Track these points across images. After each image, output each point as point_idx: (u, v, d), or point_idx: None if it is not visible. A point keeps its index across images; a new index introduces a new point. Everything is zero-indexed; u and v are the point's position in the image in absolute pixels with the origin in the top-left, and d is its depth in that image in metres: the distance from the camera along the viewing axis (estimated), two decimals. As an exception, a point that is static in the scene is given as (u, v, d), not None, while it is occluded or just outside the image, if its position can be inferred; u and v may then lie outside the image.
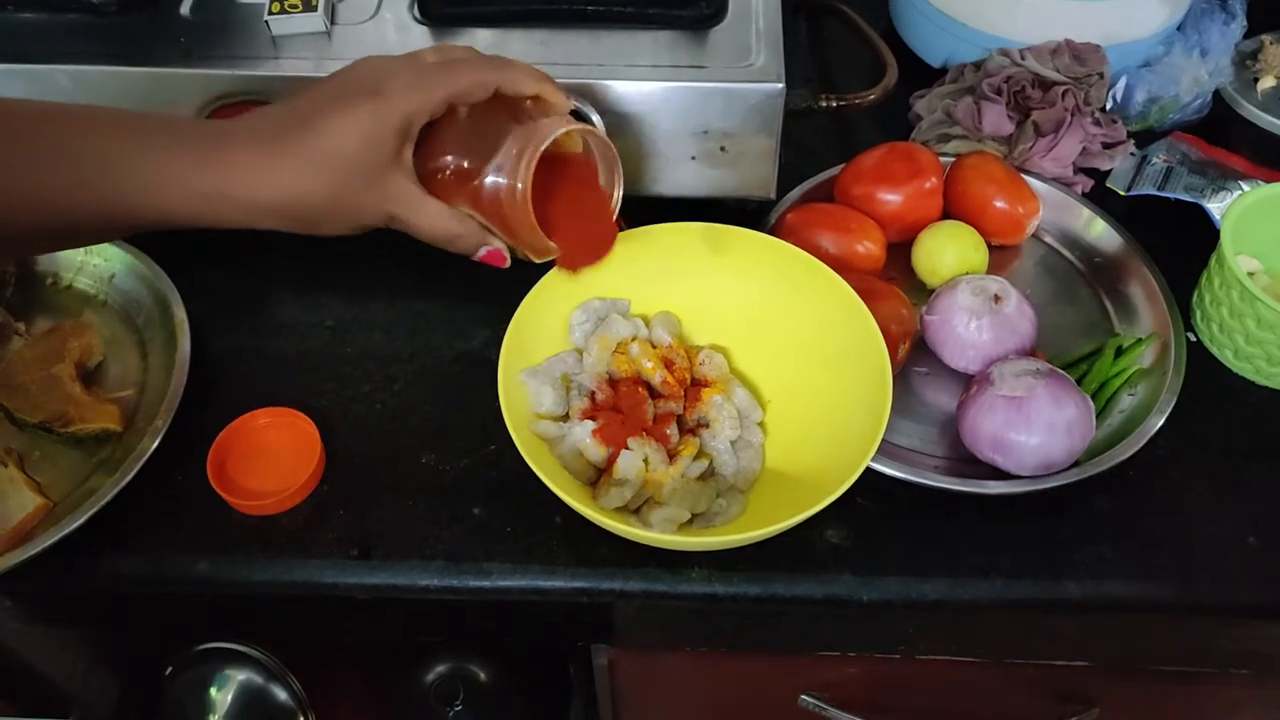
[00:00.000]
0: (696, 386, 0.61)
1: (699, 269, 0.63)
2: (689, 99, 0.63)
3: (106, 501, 0.56)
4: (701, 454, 0.59)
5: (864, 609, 0.57)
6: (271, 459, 0.61)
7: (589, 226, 0.57)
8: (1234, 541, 0.58)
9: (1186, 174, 0.74)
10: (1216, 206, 0.71)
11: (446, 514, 0.59)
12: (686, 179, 0.67)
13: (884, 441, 0.54)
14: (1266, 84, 0.81)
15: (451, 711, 0.96)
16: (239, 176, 0.46)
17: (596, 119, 0.63)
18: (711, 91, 0.63)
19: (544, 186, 0.52)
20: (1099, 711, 0.73)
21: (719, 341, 0.64)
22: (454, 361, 0.66)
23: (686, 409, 0.60)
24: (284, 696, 1.01)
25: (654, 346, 0.61)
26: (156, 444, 0.59)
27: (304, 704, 1.02)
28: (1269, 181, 0.70)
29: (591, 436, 0.57)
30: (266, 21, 0.64)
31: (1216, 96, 0.80)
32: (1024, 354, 0.62)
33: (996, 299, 0.63)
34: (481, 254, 0.54)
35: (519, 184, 0.50)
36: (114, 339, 0.67)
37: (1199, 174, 0.73)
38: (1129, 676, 0.71)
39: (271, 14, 0.64)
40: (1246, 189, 0.71)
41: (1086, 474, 0.58)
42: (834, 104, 0.69)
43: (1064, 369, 0.61)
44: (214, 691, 0.99)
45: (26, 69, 0.63)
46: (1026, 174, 0.73)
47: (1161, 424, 0.60)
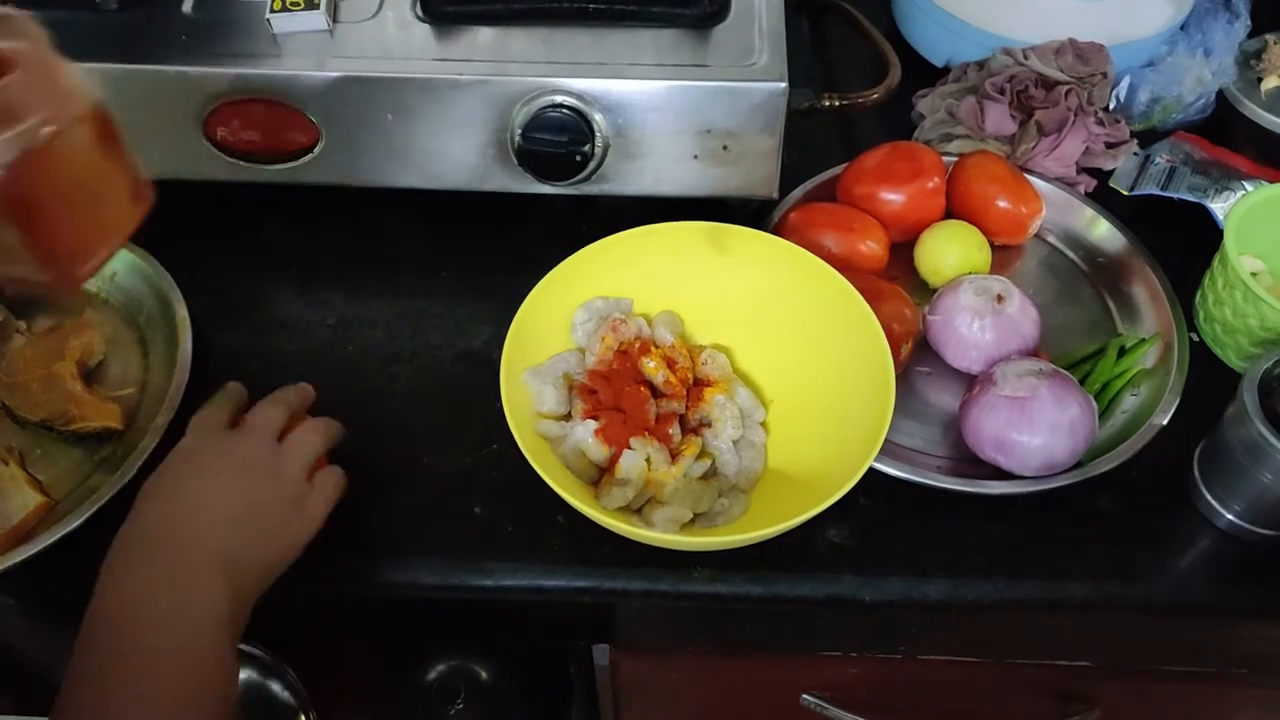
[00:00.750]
0: (699, 386, 0.61)
1: (701, 268, 0.63)
2: (691, 98, 0.63)
3: (108, 500, 0.56)
4: (704, 454, 0.59)
5: (866, 609, 0.57)
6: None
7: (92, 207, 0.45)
8: (1235, 542, 0.58)
9: (1190, 174, 0.73)
10: (1220, 207, 0.71)
11: (448, 513, 0.59)
12: (689, 178, 0.67)
13: (886, 441, 0.53)
14: (1270, 84, 0.81)
15: (452, 710, 0.96)
16: None
17: (599, 117, 0.63)
18: (714, 90, 0.63)
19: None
20: (1100, 712, 0.73)
21: (721, 341, 0.64)
22: (456, 360, 0.66)
23: (689, 408, 0.60)
24: (284, 695, 1.01)
25: (656, 346, 0.61)
26: (158, 442, 0.59)
27: (304, 702, 1.02)
28: (1272, 182, 0.70)
29: (594, 436, 0.56)
30: (268, 20, 0.64)
31: (1220, 96, 0.80)
32: (1027, 354, 0.62)
33: (999, 299, 0.62)
34: None
35: None
36: (115, 337, 0.67)
37: (1202, 174, 0.73)
38: (1130, 676, 0.71)
39: (273, 12, 0.64)
40: (1250, 189, 0.71)
41: (1089, 474, 0.58)
42: (837, 103, 0.69)
43: (1067, 369, 0.61)
44: (214, 690, 0.99)
45: (28, 66, 0.63)
46: (1029, 174, 0.72)
47: (1164, 424, 0.60)
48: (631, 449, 0.56)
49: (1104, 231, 0.71)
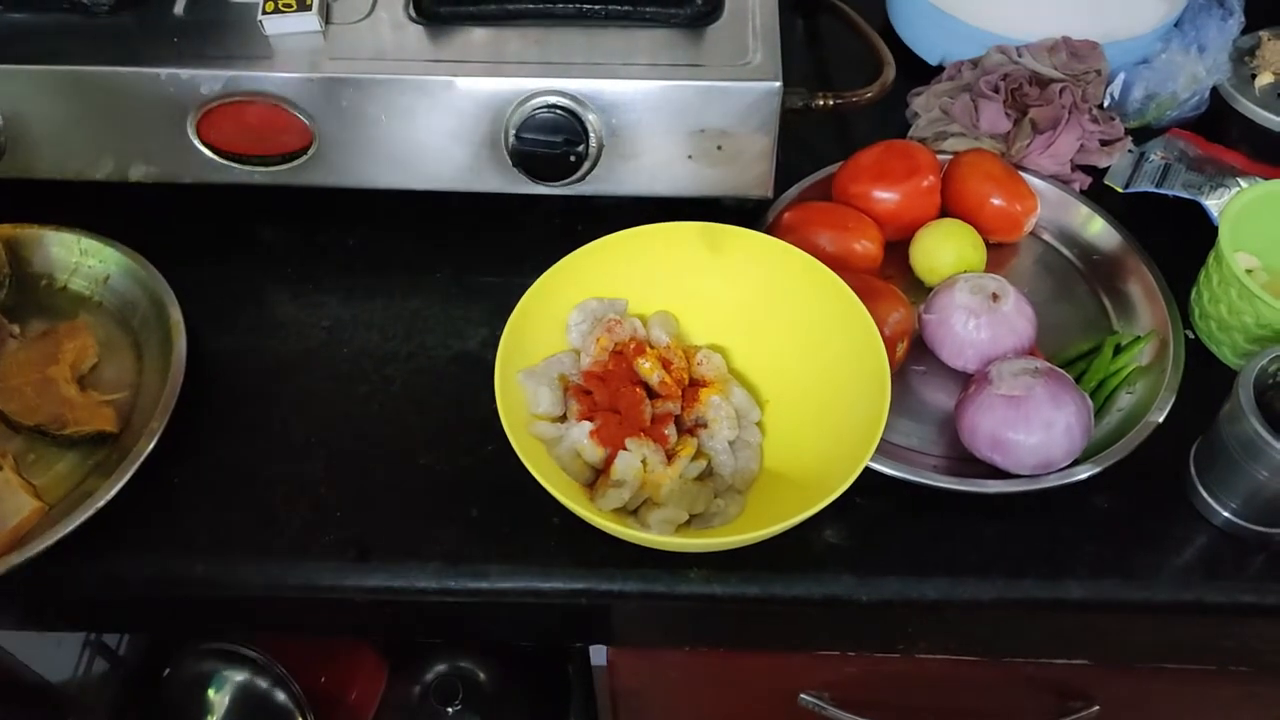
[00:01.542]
0: (694, 386, 0.61)
1: (696, 268, 0.63)
2: (685, 98, 0.63)
3: (103, 504, 0.56)
4: (699, 454, 0.59)
5: (863, 609, 0.57)
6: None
7: None
8: (1231, 539, 0.58)
9: (1184, 171, 0.73)
10: (1214, 203, 0.71)
11: (444, 515, 0.59)
12: (683, 178, 0.67)
13: (882, 441, 0.53)
14: (1264, 80, 0.81)
15: (451, 711, 0.96)
16: None
17: (593, 118, 0.63)
18: (708, 90, 0.63)
19: None
20: (1099, 709, 0.73)
21: (717, 341, 0.64)
22: (451, 362, 0.66)
23: (684, 409, 0.60)
24: (282, 697, 1.01)
25: (651, 346, 0.61)
26: (153, 446, 0.58)
27: (302, 704, 1.02)
28: (1267, 178, 0.70)
29: (589, 437, 0.56)
30: (260, 21, 0.64)
31: (1214, 93, 0.80)
32: (1022, 352, 0.62)
33: (994, 297, 0.62)
34: None
35: None
36: (109, 341, 0.66)
37: (1197, 171, 0.73)
38: (1129, 674, 0.71)
39: (265, 13, 0.64)
40: (1245, 186, 0.71)
41: (1085, 473, 0.58)
42: (831, 102, 0.69)
43: (1062, 367, 0.61)
44: (212, 692, 0.99)
45: (19, 69, 0.63)
46: (1024, 171, 0.72)
47: (1160, 422, 0.60)
48: (627, 450, 0.56)
49: (1099, 229, 0.71)
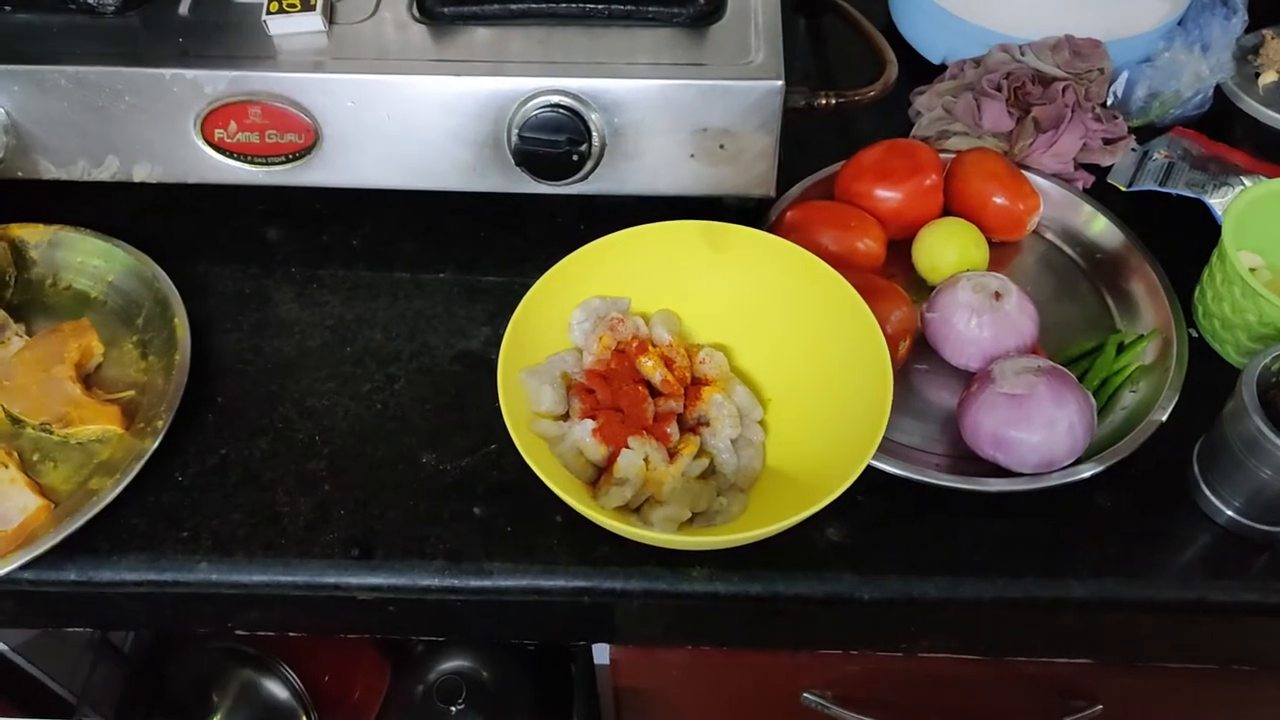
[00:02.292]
0: (697, 385, 0.61)
1: (699, 267, 0.63)
2: (688, 97, 0.63)
3: (108, 502, 0.56)
4: (702, 453, 0.59)
5: (865, 608, 0.57)
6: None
7: None
8: (1235, 538, 0.58)
9: (1188, 169, 0.73)
10: (1218, 202, 0.71)
11: (447, 513, 0.59)
12: (685, 177, 0.67)
13: (885, 439, 0.53)
14: (1268, 79, 0.81)
15: (454, 710, 0.96)
16: None
17: (596, 117, 0.63)
18: (710, 89, 0.63)
19: None
20: (1102, 709, 0.73)
21: (719, 340, 0.64)
22: (454, 361, 0.66)
23: (687, 407, 0.60)
24: (285, 695, 1.01)
25: (654, 345, 0.61)
26: (157, 444, 0.59)
27: (305, 703, 1.02)
28: (1271, 177, 0.70)
29: (591, 435, 0.56)
30: (264, 21, 0.64)
31: (1218, 92, 0.80)
32: (1025, 351, 0.62)
33: (997, 296, 0.62)
34: None
35: None
36: (114, 340, 0.67)
37: (1200, 169, 0.73)
38: (1132, 673, 0.71)
39: (269, 14, 0.64)
40: (1248, 184, 0.71)
41: (1088, 471, 0.58)
42: (833, 101, 0.69)
43: (1065, 366, 0.61)
44: (215, 691, 0.99)
45: (25, 70, 0.63)
46: (1027, 170, 0.72)
47: (1163, 420, 0.60)
48: (629, 448, 0.56)
49: (1102, 228, 0.71)
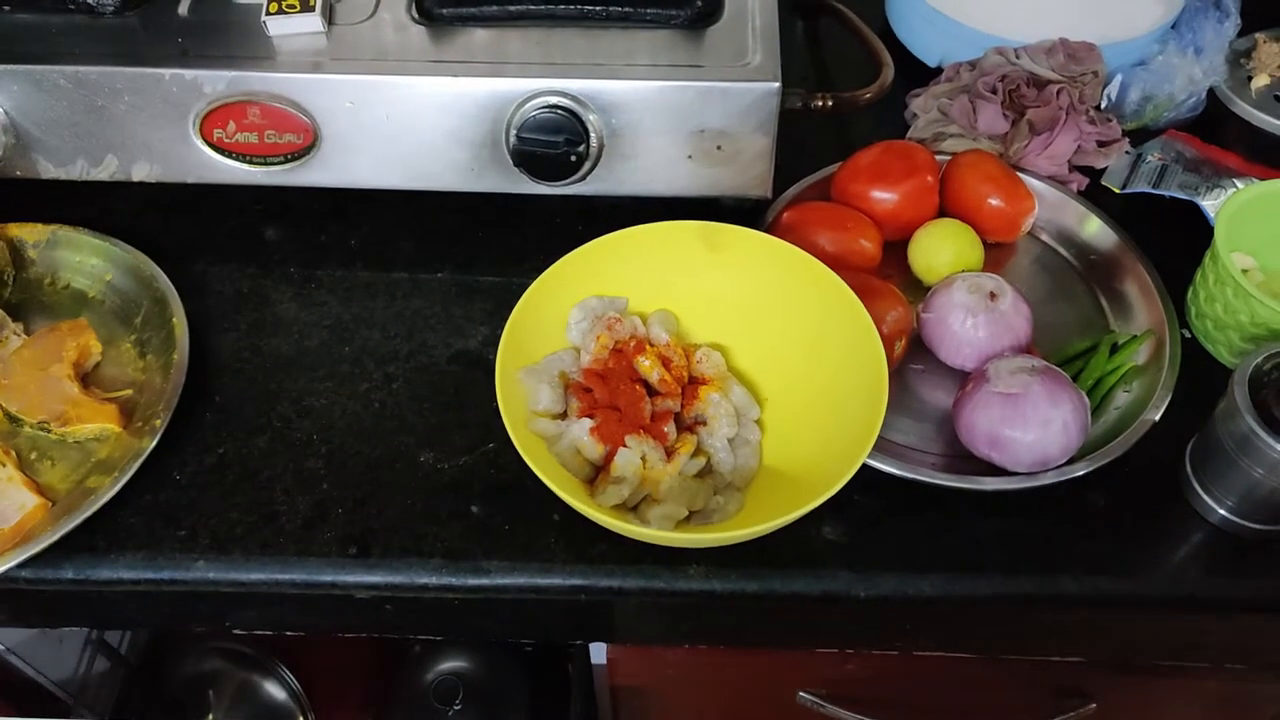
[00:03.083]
0: (694, 384, 0.61)
1: (696, 267, 0.63)
2: (685, 98, 0.63)
3: (105, 501, 0.57)
4: (699, 451, 0.59)
5: (860, 605, 0.57)
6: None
7: None
8: (1227, 537, 0.59)
9: (1181, 172, 0.74)
10: (1211, 204, 0.71)
11: (445, 512, 0.59)
12: (683, 178, 0.67)
13: (881, 439, 0.54)
14: (1260, 82, 0.81)
15: (451, 711, 0.96)
16: None
17: (594, 118, 0.63)
18: (708, 91, 0.63)
19: None
20: (1096, 707, 0.73)
21: (716, 339, 0.64)
22: (452, 360, 0.66)
23: (684, 407, 0.60)
24: (282, 696, 1.01)
25: (651, 344, 0.61)
26: (155, 443, 0.59)
27: (303, 703, 1.02)
28: (1263, 179, 0.71)
29: (589, 434, 0.57)
30: (264, 22, 0.65)
31: (1211, 95, 0.80)
32: (1019, 351, 0.63)
33: (992, 296, 0.63)
34: None
35: None
36: (112, 339, 0.67)
37: (1193, 172, 0.74)
38: (1126, 671, 0.72)
39: (269, 14, 0.65)
40: (1241, 186, 0.71)
41: (1082, 470, 0.58)
42: (829, 102, 0.69)
43: (1060, 366, 0.61)
44: (212, 691, 0.99)
45: (24, 69, 0.64)
46: (1022, 172, 0.73)
47: (1157, 420, 0.61)
48: (627, 447, 0.57)
49: (1096, 229, 0.71)
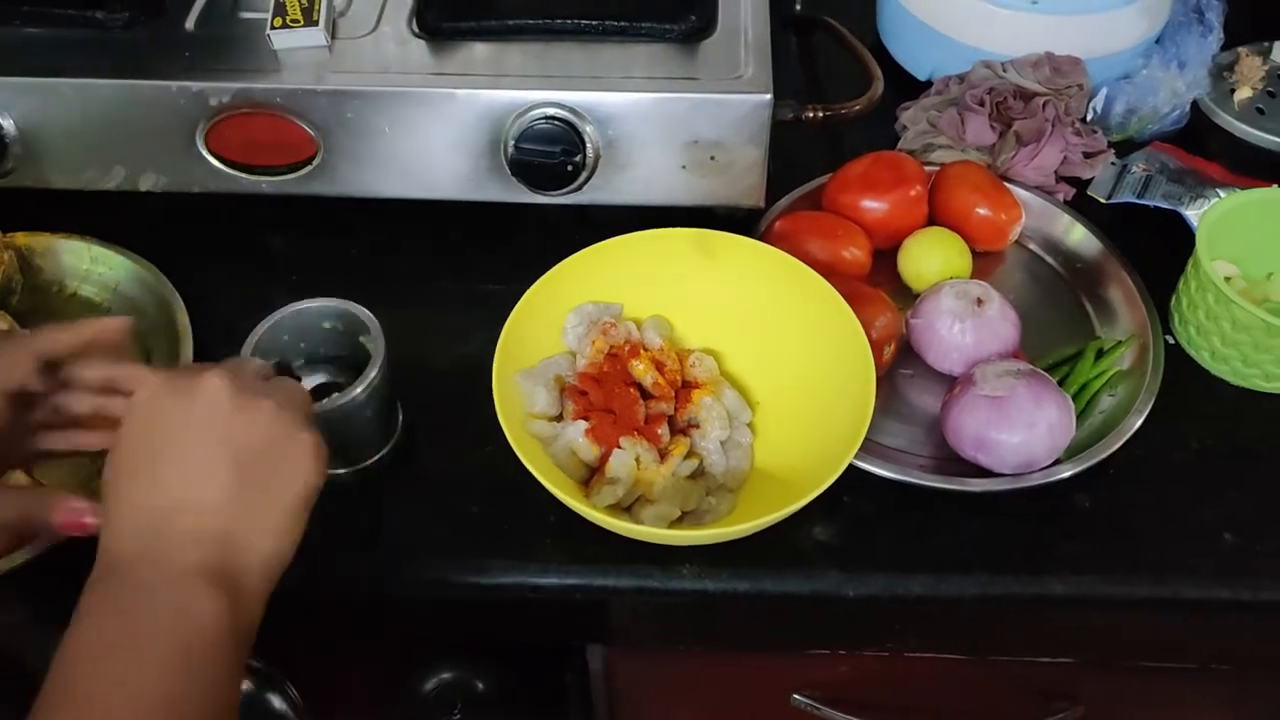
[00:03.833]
0: (687, 388, 0.62)
1: (690, 274, 0.64)
2: (680, 110, 0.65)
3: (111, 502, 0.58)
4: (692, 453, 0.60)
5: (849, 605, 0.58)
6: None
7: None
8: (1211, 538, 0.60)
9: (1165, 182, 0.75)
10: (1194, 213, 0.72)
11: (445, 512, 0.60)
12: (677, 188, 0.68)
13: (871, 441, 0.55)
14: (1243, 95, 0.83)
15: None
16: None
17: (590, 129, 0.65)
18: (701, 102, 0.65)
19: None
20: (1083, 709, 0.74)
21: (709, 344, 0.65)
22: (453, 365, 0.67)
23: (677, 410, 0.61)
24: (282, 707, 1.02)
25: (645, 349, 0.63)
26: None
27: (300, 712, 1.02)
28: (1244, 189, 0.72)
29: (584, 436, 0.58)
30: (268, 35, 0.66)
31: (1194, 107, 0.82)
32: (1006, 356, 0.64)
33: (979, 302, 0.64)
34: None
35: None
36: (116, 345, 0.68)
37: (1177, 182, 0.75)
38: (1113, 673, 0.72)
39: (273, 28, 0.66)
40: (1223, 196, 0.72)
41: (1068, 472, 0.59)
42: (820, 114, 0.71)
43: (1046, 371, 0.63)
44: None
45: (35, 82, 0.65)
46: (1009, 182, 0.74)
47: (1140, 424, 0.62)
48: (621, 448, 0.58)
49: (1082, 238, 0.73)
